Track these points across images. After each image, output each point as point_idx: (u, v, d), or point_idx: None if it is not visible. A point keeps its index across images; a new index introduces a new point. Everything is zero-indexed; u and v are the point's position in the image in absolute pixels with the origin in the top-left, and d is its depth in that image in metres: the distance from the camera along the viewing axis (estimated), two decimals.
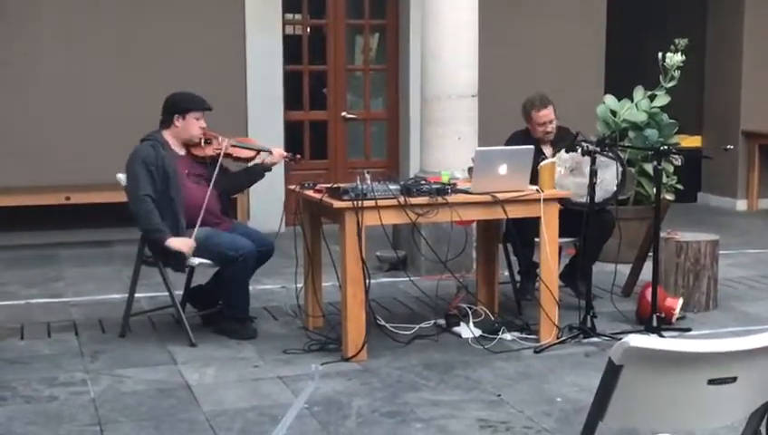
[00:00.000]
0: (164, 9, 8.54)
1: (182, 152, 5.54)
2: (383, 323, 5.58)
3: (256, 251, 5.39)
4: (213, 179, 5.43)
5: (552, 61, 9.54)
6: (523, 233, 5.78)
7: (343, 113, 9.30)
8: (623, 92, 7.83)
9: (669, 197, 7.00)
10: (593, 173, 5.40)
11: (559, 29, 9.61)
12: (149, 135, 5.52)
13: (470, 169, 5.49)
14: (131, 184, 5.35)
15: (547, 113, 6.15)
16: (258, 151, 5.72)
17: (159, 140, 5.45)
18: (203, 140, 5.55)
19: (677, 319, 5.78)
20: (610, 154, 5.82)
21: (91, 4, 8.37)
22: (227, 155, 5.58)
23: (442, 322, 5.66)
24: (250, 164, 5.75)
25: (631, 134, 7.58)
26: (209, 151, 5.56)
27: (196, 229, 5.29)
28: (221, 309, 5.61)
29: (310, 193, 5.32)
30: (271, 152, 5.75)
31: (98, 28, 8.38)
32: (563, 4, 9.64)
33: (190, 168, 5.52)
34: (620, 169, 5.90)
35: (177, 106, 5.52)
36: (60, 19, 8.32)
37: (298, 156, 6.05)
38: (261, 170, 5.74)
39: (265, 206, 8.29)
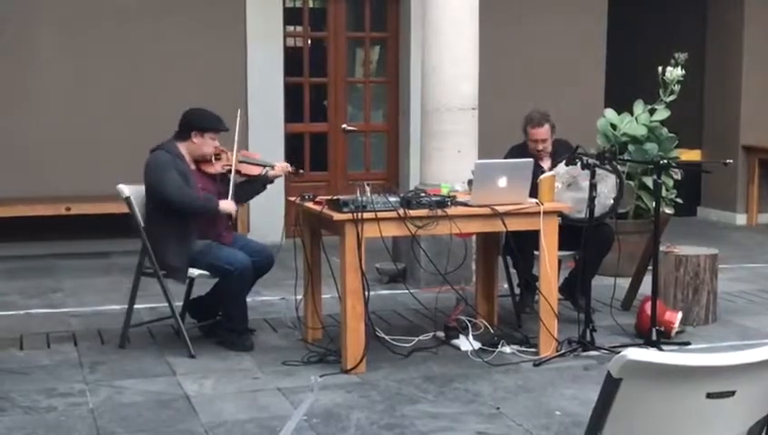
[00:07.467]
0: (165, 21, 8.56)
1: (192, 166, 5.55)
2: (382, 335, 5.58)
3: (252, 266, 5.41)
4: (231, 195, 5.50)
5: (553, 74, 9.56)
6: (522, 246, 5.79)
7: (343, 125, 9.34)
8: (623, 106, 7.84)
9: (669, 210, 7.00)
10: (593, 187, 5.41)
11: (559, 42, 9.64)
12: (162, 145, 5.50)
13: (470, 182, 5.50)
14: (164, 184, 5.31)
15: (541, 132, 6.15)
16: (263, 166, 5.75)
17: (174, 151, 5.46)
18: (213, 157, 5.58)
19: (677, 333, 5.78)
20: (609, 167, 5.83)
21: (90, 16, 8.38)
22: (236, 171, 5.61)
23: (441, 334, 5.65)
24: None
25: (631, 148, 7.59)
26: (218, 168, 5.59)
27: (231, 189, 5.43)
28: (220, 320, 5.62)
29: (310, 205, 5.33)
30: (273, 167, 5.78)
31: (98, 40, 8.39)
32: (564, 18, 9.66)
33: (201, 182, 5.54)
34: (618, 182, 5.90)
35: (197, 123, 5.50)
36: (60, 31, 8.33)
37: (301, 170, 6.08)
38: (263, 183, 5.78)
39: (265, 218, 8.30)
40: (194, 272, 5.41)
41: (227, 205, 5.46)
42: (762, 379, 2.25)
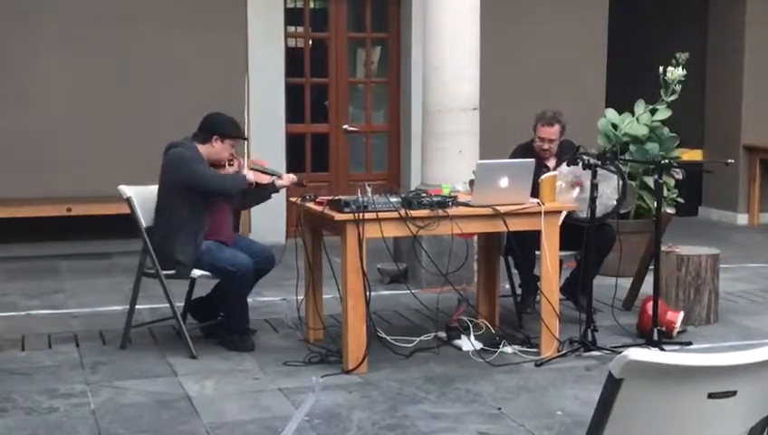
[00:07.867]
0: (166, 22, 8.56)
1: None
2: (384, 335, 5.58)
3: (253, 266, 5.42)
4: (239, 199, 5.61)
5: (554, 74, 9.55)
6: (523, 246, 5.79)
7: (345, 126, 9.34)
8: (624, 106, 7.84)
9: (670, 210, 6.99)
10: (594, 187, 5.41)
11: (560, 43, 9.64)
12: (179, 143, 5.52)
13: (471, 182, 5.50)
14: (198, 173, 5.37)
15: (551, 131, 6.14)
16: (271, 175, 5.79)
17: (193, 150, 5.49)
18: (227, 162, 5.61)
19: (678, 333, 5.78)
20: (611, 168, 5.83)
21: (92, 17, 8.38)
22: None
23: (443, 334, 5.65)
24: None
25: (632, 148, 7.60)
26: (231, 173, 5.61)
27: (246, 163, 5.59)
28: (222, 321, 5.63)
29: (311, 205, 5.33)
30: (281, 177, 5.81)
31: (99, 41, 8.38)
32: (565, 19, 9.66)
33: None
34: (620, 182, 5.90)
35: (218, 129, 5.54)
36: (61, 32, 8.33)
37: (306, 182, 6.12)
38: (270, 192, 5.80)
39: (266, 219, 8.30)
40: (196, 273, 5.43)
41: (250, 175, 5.56)
42: (763, 379, 2.25)
